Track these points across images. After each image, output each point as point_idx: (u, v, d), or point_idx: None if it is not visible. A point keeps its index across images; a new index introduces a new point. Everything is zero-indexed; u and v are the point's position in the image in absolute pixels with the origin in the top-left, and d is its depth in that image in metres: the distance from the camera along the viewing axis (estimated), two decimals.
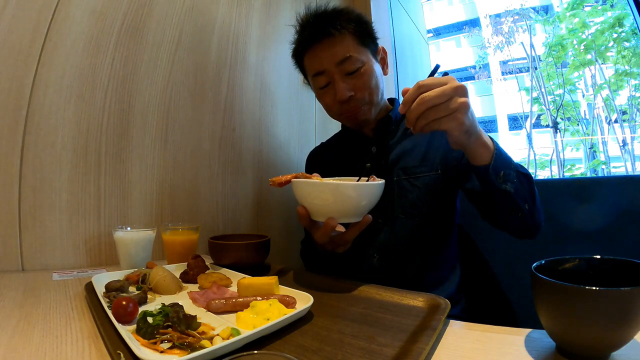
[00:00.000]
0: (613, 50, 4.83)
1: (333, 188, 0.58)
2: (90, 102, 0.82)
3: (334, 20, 0.78)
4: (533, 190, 0.67)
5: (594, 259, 0.40)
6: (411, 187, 0.81)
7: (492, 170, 0.61)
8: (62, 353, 0.37)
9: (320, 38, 0.79)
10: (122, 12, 0.88)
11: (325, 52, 0.79)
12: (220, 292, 0.57)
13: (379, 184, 0.62)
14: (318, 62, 0.81)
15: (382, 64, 0.87)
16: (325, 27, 0.78)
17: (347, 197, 0.58)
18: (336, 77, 0.79)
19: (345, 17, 0.79)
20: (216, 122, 1.10)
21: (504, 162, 0.62)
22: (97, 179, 0.83)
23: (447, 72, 0.60)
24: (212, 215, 1.08)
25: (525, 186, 0.65)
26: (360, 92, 0.80)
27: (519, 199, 0.64)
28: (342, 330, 0.44)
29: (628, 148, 4.86)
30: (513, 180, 0.63)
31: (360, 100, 0.81)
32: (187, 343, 0.38)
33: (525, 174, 0.67)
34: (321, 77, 0.82)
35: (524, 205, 0.65)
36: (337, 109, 0.83)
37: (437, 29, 9.47)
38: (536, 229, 0.71)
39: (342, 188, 0.58)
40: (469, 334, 0.45)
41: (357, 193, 0.58)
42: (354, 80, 0.80)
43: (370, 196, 0.61)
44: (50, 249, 0.76)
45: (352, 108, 0.82)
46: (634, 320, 0.32)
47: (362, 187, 0.59)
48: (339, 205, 0.59)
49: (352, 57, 0.78)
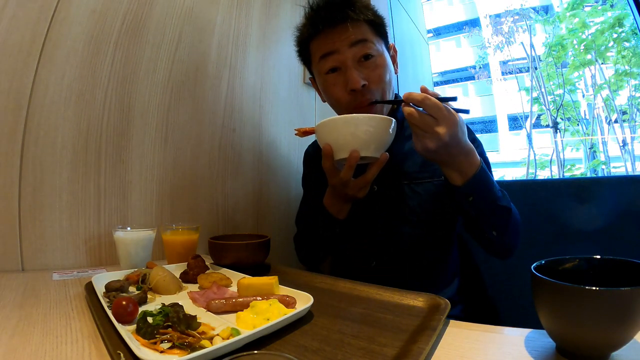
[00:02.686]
0: (613, 50, 4.83)
1: (360, 118, 0.63)
2: (90, 102, 0.82)
3: (351, 4, 0.73)
4: (508, 222, 0.69)
5: (594, 259, 0.40)
6: (412, 194, 0.79)
7: (460, 193, 0.65)
8: (62, 353, 0.37)
9: (334, 22, 0.72)
10: (122, 12, 0.88)
11: (338, 35, 0.72)
12: (220, 292, 0.57)
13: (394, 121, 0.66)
14: (329, 43, 0.73)
15: (392, 61, 0.81)
16: (342, 9, 0.72)
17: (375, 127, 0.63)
18: (349, 62, 0.72)
19: (362, 4, 0.74)
20: (216, 122, 1.10)
21: (481, 191, 0.65)
22: (97, 179, 0.83)
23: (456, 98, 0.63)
24: (212, 215, 1.08)
25: (499, 217, 0.68)
26: (375, 84, 0.73)
27: (484, 226, 0.68)
28: (342, 330, 0.44)
29: (628, 148, 4.86)
30: (480, 208, 0.66)
31: (373, 92, 0.73)
32: (187, 343, 0.38)
33: (503, 207, 0.68)
34: (331, 58, 0.74)
35: (490, 232, 0.68)
36: (347, 101, 0.75)
37: (437, 29, 9.47)
38: (505, 253, 0.74)
39: (370, 118, 0.63)
40: (469, 334, 0.45)
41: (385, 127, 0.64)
42: (368, 71, 0.73)
43: (392, 130, 0.65)
44: (50, 249, 0.76)
45: (364, 101, 0.73)
46: (634, 320, 0.32)
47: (385, 119, 0.64)
48: (366, 136, 0.63)
49: (368, 41, 0.73)
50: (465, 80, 9.11)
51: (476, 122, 8.46)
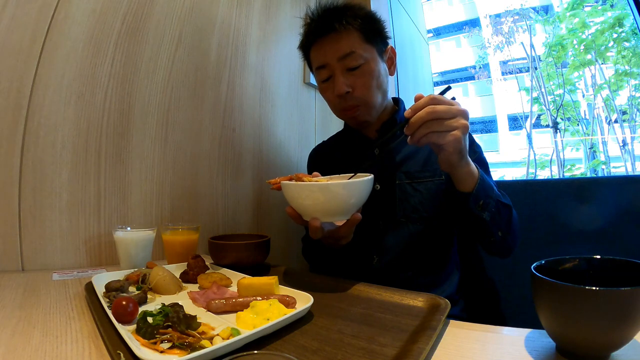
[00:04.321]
0: (613, 50, 4.83)
1: (316, 188, 0.58)
2: (90, 102, 0.82)
3: (340, 15, 0.78)
4: (510, 220, 0.72)
5: (594, 259, 0.40)
6: (413, 192, 0.81)
7: (473, 198, 0.65)
8: (62, 353, 0.37)
9: (326, 32, 0.79)
10: (122, 12, 0.88)
11: (329, 46, 0.79)
12: (220, 292, 0.57)
13: (364, 180, 0.61)
14: (322, 56, 0.81)
15: (389, 64, 0.86)
16: (331, 21, 0.78)
17: (334, 194, 0.58)
18: (337, 71, 0.79)
19: (352, 13, 0.79)
20: (216, 122, 1.10)
21: (486, 191, 0.66)
22: (97, 179, 0.83)
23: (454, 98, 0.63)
24: (212, 215, 1.08)
25: (503, 216, 0.70)
26: (359, 91, 0.79)
27: (493, 227, 0.69)
28: (342, 330, 0.44)
29: (628, 148, 4.86)
30: (491, 210, 0.67)
31: (357, 98, 0.80)
32: (187, 343, 0.38)
33: (506, 204, 0.71)
34: (323, 70, 0.82)
35: (496, 233, 0.70)
36: (337, 104, 0.83)
37: (437, 29, 9.47)
38: (507, 252, 0.76)
39: (328, 187, 0.58)
40: (469, 334, 0.45)
41: (345, 191, 0.58)
42: (354, 78, 0.79)
43: (358, 193, 0.60)
44: (50, 249, 0.76)
45: (350, 106, 0.81)
46: (634, 320, 0.32)
47: (349, 185, 0.59)
48: (325, 205, 0.59)
49: (356, 53, 0.78)
50: (465, 80, 9.11)
51: (476, 122, 8.46)
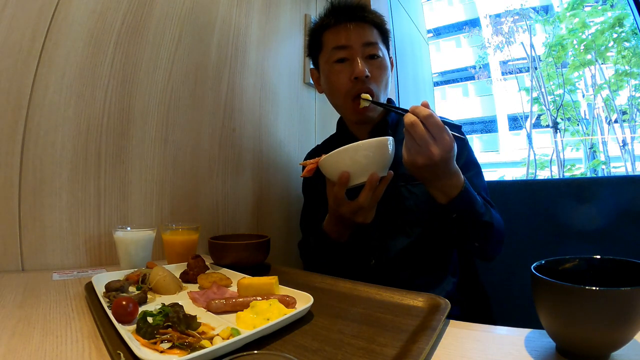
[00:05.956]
0: (613, 50, 4.82)
1: (375, 142, 0.65)
2: (90, 102, 0.82)
3: (366, 10, 0.86)
4: (489, 236, 0.73)
5: (594, 259, 0.40)
6: (409, 194, 0.82)
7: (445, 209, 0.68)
8: (62, 353, 0.37)
9: (353, 18, 0.84)
10: (122, 12, 0.88)
11: (355, 31, 0.83)
12: (220, 292, 0.57)
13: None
14: (345, 36, 0.84)
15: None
16: (362, 10, 0.85)
17: (385, 149, 0.65)
18: (359, 55, 0.82)
19: (375, 14, 0.87)
20: (216, 122, 1.10)
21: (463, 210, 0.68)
22: (97, 179, 0.83)
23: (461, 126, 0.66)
24: (212, 215, 1.08)
25: (481, 232, 0.71)
26: (375, 80, 0.83)
27: (467, 238, 0.72)
28: (342, 330, 0.44)
29: (628, 148, 4.85)
30: (463, 224, 0.69)
31: (372, 85, 0.82)
32: (187, 343, 0.38)
33: (486, 222, 0.71)
34: (342, 51, 0.84)
35: (472, 243, 0.73)
36: (347, 89, 0.83)
37: (437, 29, 9.46)
38: (487, 259, 0.80)
39: (382, 142, 0.65)
40: (469, 334, 0.45)
41: (392, 146, 0.67)
42: (372, 67, 0.83)
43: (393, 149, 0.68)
44: (50, 249, 0.76)
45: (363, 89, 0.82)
46: (634, 320, 0.32)
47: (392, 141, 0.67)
48: (379, 159, 0.66)
49: (377, 45, 0.84)
50: (465, 80, 9.09)
51: (476, 122, 8.45)
